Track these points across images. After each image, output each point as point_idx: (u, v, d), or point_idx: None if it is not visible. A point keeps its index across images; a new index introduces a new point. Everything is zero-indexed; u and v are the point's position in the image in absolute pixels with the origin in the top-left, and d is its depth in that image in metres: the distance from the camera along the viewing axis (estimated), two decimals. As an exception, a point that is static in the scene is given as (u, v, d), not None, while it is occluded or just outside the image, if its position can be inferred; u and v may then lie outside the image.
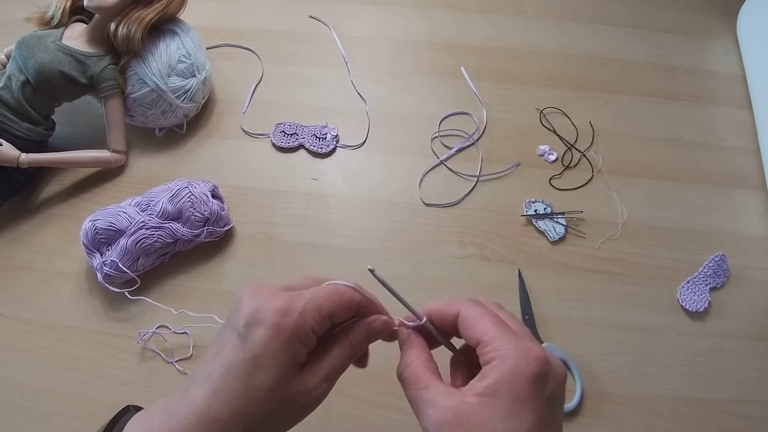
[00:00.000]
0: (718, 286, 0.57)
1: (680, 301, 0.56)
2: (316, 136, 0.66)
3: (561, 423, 0.28)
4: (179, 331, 0.54)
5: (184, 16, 0.65)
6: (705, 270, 0.57)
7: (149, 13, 0.59)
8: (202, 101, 0.67)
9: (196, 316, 0.54)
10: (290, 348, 0.27)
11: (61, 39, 0.59)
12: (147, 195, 0.56)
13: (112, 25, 0.58)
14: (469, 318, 0.29)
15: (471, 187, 0.63)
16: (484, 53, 0.74)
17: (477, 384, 0.27)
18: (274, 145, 0.66)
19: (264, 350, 0.27)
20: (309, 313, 0.28)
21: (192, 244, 0.58)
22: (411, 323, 0.32)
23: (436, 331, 0.32)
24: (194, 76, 0.63)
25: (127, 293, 0.54)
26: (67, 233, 0.60)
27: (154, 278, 0.57)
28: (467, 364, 0.32)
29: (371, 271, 0.29)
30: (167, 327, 0.54)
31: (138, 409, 0.31)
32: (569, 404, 0.50)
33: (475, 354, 0.29)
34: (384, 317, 0.31)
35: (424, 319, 0.31)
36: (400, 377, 0.30)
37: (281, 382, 0.27)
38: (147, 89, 0.60)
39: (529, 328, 0.53)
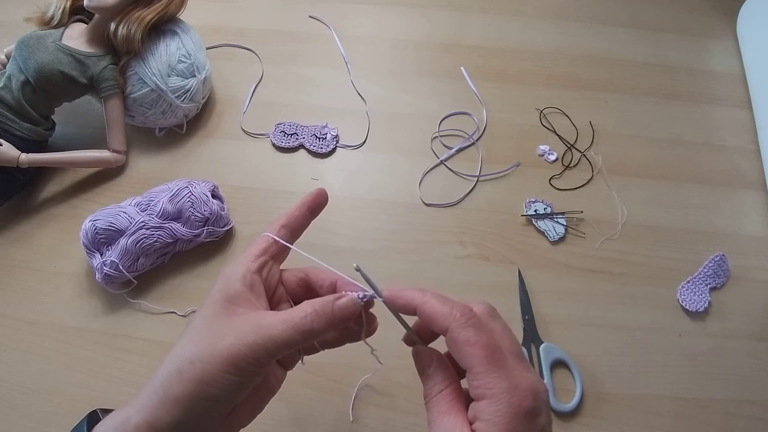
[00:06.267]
0: (718, 286, 0.57)
1: (680, 301, 0.56)
2: (316, 136, 0.66)
3: None
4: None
5: (184, 16, 0.65)
6: (705, 270, 0.57)
7: (149, 13, 0.60)
8: (202, 101, 0.67)
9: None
10: (223, 282, 0.32)
11: (61, 39, 0.59)
12: (147, 195, 0.56)
13: (112, 25, 0.58)
14: (459, 343, 0.28)
15: (471, 187, 0.63)
16: (483, 53, 0.74)
17: (477, 425, 0.27)
18: (274, 145, 0.66)
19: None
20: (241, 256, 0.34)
21: (192, 244, 0.58)
22: (363, 297, 0.31)
23: (397, 315, 0.32)
24: (194, 76, 0.63)
25: (126, 295, 0.54)
26: (67, 233, 0.60)
27: (154, 278, 0.57)
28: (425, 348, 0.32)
29: (357, 269, 0.31)
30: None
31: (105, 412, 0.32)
32: (569, 404, 0.50)
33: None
34: (352, 295, 0.31)
35: (382, 297, 0.31)
36: (427, 402, 0.30)
37: (216, 309, 0.31)
38: (147, 89, 0.60)
39: (529, 328, 0.54)
